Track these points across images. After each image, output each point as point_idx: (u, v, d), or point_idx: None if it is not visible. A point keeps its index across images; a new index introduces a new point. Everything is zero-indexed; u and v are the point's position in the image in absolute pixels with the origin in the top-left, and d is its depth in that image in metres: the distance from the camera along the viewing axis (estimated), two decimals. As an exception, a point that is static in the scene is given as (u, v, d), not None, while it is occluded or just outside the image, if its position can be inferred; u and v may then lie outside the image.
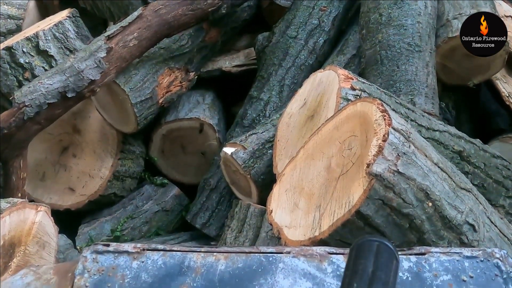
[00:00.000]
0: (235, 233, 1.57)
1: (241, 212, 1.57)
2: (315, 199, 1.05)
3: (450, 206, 0.99)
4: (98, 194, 1.82)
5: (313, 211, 1.03)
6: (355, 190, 0.93)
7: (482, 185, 1.46)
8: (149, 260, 0.76)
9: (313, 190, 1.08)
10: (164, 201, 1.96)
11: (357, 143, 1.03)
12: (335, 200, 0.98)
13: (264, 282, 0.73)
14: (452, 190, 1.02)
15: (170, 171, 2.12)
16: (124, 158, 1.88)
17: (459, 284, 0.75)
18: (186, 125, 2.01)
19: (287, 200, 1.14)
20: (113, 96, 1.78)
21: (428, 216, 0.95)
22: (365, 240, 0.58)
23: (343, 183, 0.99)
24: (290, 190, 1.16)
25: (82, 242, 1.75)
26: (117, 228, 1.80)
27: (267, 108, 1.93)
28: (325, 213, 0.98)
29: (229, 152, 1.65)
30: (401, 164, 0.92)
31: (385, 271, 0.54)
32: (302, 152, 1.22)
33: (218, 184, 1.89)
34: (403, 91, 1.64)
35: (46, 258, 1.30)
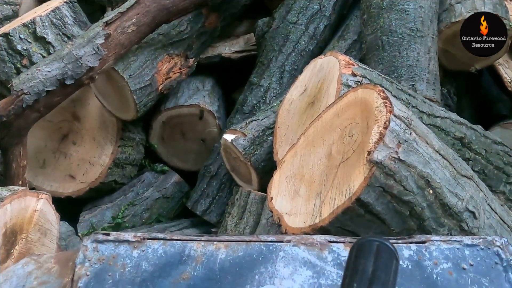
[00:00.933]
0: (235, 220, 1.58)
1: (242, 199, 1.57)
2: (316, 186, 1.05)
3: (451, 193, 0.99)
4: (99, 182, 1.82)
5: (313, 199, 1.02)
6: (355, 177, 0.92)
7: (483, 171, 1.46)
8: (149, 249, 0.76)
9: (313, 177, 1.08)
10: (165, 188, 1.96)
11: (358, 130, 1.02)
12: (335, 187, 0.98)
13: (265, 270, 0.74)
14: (453, 177, 1.02)
15: (170, 158, 2.12)
16: (124, 145, 1.87)
17: (459, 272, 0.75)
18: (186, 112, 2.00)
19: (287, 187, 1.14)
20: (112, 83, 1.77)
21: (429, 203, 0.95)
22: (365, 240, 0.58)
23: (343, 171, 0.99)
24: (290, 177, 1.15)
25: (84, 229, 1.76)
26: (118, 215, 1.81)
27: (267, 94, 1.92)
28: (326, 201, 0.98)
29: (229, 139, 1.64)
30: (402, 151, 0.91)
31: (385, 271, 0.54)
32: (302, 139, 1.22)
33: (218, 171, 1.89)
34: (405, 77, 1.63)
35: (48, 245, 1.31)
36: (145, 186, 1.95)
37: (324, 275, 0.73)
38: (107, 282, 0.72)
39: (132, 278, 0.73)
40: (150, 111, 1.98)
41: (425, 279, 0.74)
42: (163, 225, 1.80)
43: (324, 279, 0.73)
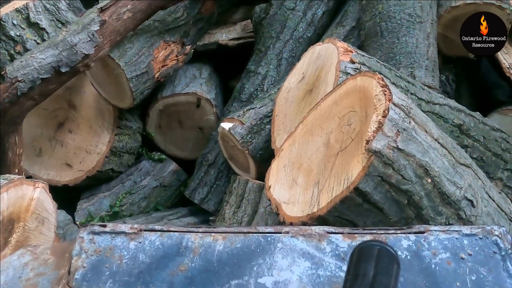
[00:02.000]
0: (233, 208, 1.58)
1: (240, 187, 1.56)
2: (314, 175, 1.05)
3: (449, 182, 0.98)
4: (96, 170, 1.81)
5: (311, 187, 1.02)
6: (354, 166, 0.91)
7: (481, 158, 1.46)
8: (146, 240, 0.75)
9: (311, 166, 1.07)
10: (162, 176, 1.95)
11: (356, 118, 1.01)
12: (333, 176, 0.97)
13: (263, 262, 0.73)
14: (452, 166, 1.01)
15: (168, 146, 2.11)
16: (121, 134, 1.86)
17: (458, 262, 0.75)
18: (183, 100, 1.99)
19: (285, 176, 1.13)
20: (108, 71, 1.75)
21: (427, 192, 0.94)
22: (366, 244, 0.58)
23: (342, 160, 0.98)
24: (288, 165, 1.15)
25: (81, 217, 1.76)
26: (116, 203, 1.80)
27: (265, 82, 1.90)
28: (324, 190, 0.97)
29: (227, 127, 1.63)
30: (401, 140, 0.90)
31: (386, 275, 0.54)
32: (301, 127, 1.21)
33: (216, 160, 1.88)
34: (403, 64, 1.61)
35: (45, 234, 1.31)
36: (143, 174, 1.94)
37: (322, 266, 0.73)
38: (104, 274, 0.72)
39: (130, 269, 0.72)
40: (147, 99, 1.96)
41: (423, 269, 0.74)
42: (161, 214, 1.80)
43: (322, 270, 0.73)
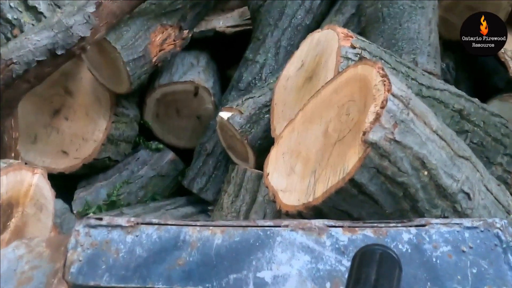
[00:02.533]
0: (231, 197, 1.57)
1: (238, 176, 1.55)
2: (311, 164, 1.03)
3: (446, 174, 0.97)
4: (92, 158, 1.79)
5: (308, 176, 1.01)
6: (350, 157, 0.90)
7: (481, 143, 1.45)
8: (143, 234, 0.74)
9: (309, 155, 1.06)
10: (160, 166, 1.94)
11: (355, 108, 0.99)
12: (330, 166, 0.96)
13: (262, 256, 0.72)
14: (450, 158, 1.00)
15: (165, 135, 2.10)
16: (118, 121, 1.84)
17: (459, 255, 0.74)
18: (180, 89, 1.96)
19: (283, 164, 1.12)
20: (104, 55, 1.72)
21: (423, 184, 0.93)
22: (368, 248, 0.57)
23: (339, 150, 0.97)
24: (287, 153, 1.14)
25: (78, 207, 1.75)
26: (113, 193, 1.79)
27: (263, 71, 1.88)
28: (320, 179, 0.96)
29: (226, 117, 1.61)
30: (398, 132, 0.89)
31: (388, 279, 0.53)
32: (300, 115, 1.19)
33: (214, 149, 1.87)
34: (406, 50, 1.59)
35: (43, 221, 1.30)
36: (140, 164, 1.93)
37: (322, 260, 0.72)
38: (101, 268, 0.71)
39: (126, 263, 0.71)
40: (144, 88, 1.94)
41: (424, 263, 0.73)
42: (158, 204, 1.79)
43: (322, 264, 0.72)
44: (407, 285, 0.70)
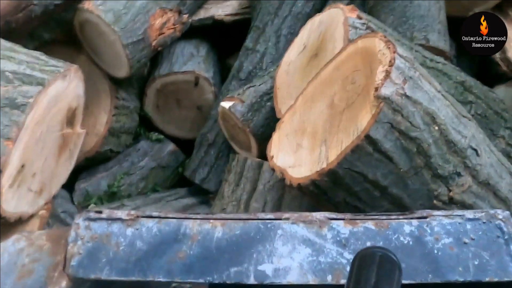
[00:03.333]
0: (232, 186, 1.57)
1: (238, 165, 1.56)
2: (320, 135, 1.05)
3: (455, 130, 0.99)
4: (94, 151, 1.78)
5: (318, 147, 1.02)
6: (362, 117, 0.92)
7: (484, 115, 1.47)
8: (143, 227, 0.74)
9: (316, 129, 1.07)
10: (160, 157, 1.94)
11: (361, 75, 1.01)
12: (341, 131, 0.97)
13: (263, 249, 0.72)
14: (456, 116, 1.03)
15: (166, 126, 2.09)
16: (119, 114, 1.82)
17: (460, 247, 0.74)
18: (180, 79, 1.95)
19: (288, 143, 1.13)
20: (104, 38, 1.71)
21: (435, 139, 0.95)
22: (368, 250, 0.57)
23: (349, 115, 0.98)
24: (291, 134, 1.14)
25: (79, 198, 1.74)
26: (114, 184, 1.79)
27: (264, 60, 1.86)
28: (332, 145, 0.97)
29: (227, 106, 1.61)
30: (408, 87, 0.91)
31: (388, 282, 0.53)
32: (301, 99, 1.20)
33: (216, 139, 1.86)
34: (417, 28, 1.58)
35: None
36: (141, 155, 1.92)
37: (323, 253, 0.72)
38: (101, 261, 0.71)
39: (127, 257, 0.71)
40: (144, 79, 1.92)
41: (425, 255, 0.73)
42: (159, 195, 1.79)
43: (323, 256, 0.72)
44: (409, 277, 0.70)
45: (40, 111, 1.22)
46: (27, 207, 1.30)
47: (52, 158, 1.39)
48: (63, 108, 1.37)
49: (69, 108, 1.41)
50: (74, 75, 1.36)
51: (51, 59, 1.33)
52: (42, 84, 1.20)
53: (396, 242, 0.74)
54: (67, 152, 1.48)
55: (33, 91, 1.18)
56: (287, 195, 1.41)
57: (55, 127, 1.36)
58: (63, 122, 1.40)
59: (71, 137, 1.47)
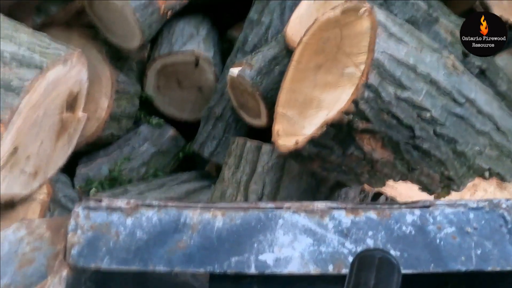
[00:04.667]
0: (232, 169, 1.57)
1: (238, 148, 1.56)
2: (315, 101, 1.12)
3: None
4: (96, 136, 1.78)
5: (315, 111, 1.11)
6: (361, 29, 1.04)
7: None
8: (143, 216, 0.73)
9: (311, 96, 1.13)
10: (161, 142, 1.93)
11: (330, 36, 1.10)
12: (352, 56, 1.05)
13: (264, 238, 0.71)
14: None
15: (167, 107, 2.07)
16: (119, 99, 1.81)
17: (463, 236, 0.73)
18: (180, 59, 1.93)
19: (289, 119, 1.17)
20: (113, 9, 1.69)
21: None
22: (367, 252, 0.56)
23: (346, 47, 1.07)
24: (293, 116, 1.17)
25: (80, 182, 1.75)
26: (115, 169, 1.79)
27: (269, 32, 1.84)
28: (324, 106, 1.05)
29: (236, 72, 1.61)
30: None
31: (387, 284, 0.53)
32: (284, 92, 1.26)
33: (223, 113, 1.86)
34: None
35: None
36: (141, 140, 1.92)
37: (325, 243, 0.71)
38: (101, 250, 0.70)
39: (127, 246, 0.70)
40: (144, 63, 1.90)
41: (428, 245, 0.72)
42: (161, 180, 1.79)
43: (325, 246, 0.71)
44: (411, 267, 0.70)
45: (36, 95, 1.20)
46: (19, 189, 1.30)
47: (49, 141, 1.38)
48: (63, 93, 1.35)
49: (70, 93, 1.39)
50: (76, 60, 1.34)
51: (54, 41, 1.31)
52: (40, 67, 1.18)
53: (398, 231, 0.73)
54: (66, 137, 1.47)
55: (30, 75, 1.16)
56: (285, 177, 1.43)
57: (54, 111, 1.34)
58: (63, 106, 1.39)
59: (71, 121, 1.46)
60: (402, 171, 1.08)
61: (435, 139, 1.05)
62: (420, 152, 1.06)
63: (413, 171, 1.08)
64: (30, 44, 1.24)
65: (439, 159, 1.07)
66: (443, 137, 1.06)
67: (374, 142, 1.02)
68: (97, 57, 1.80)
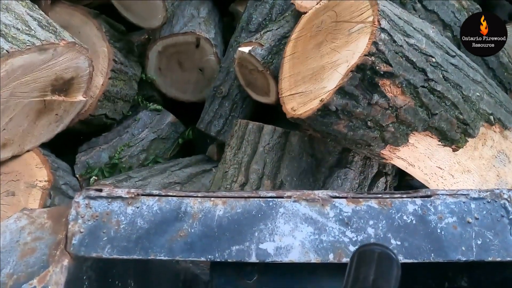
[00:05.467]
0: (234, 150, 1.58)
1: (240, 130, 1.57)
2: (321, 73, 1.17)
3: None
4: (89, 114, 1.75)
5: (319, 82, 1.17)
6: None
7: None
8: (144, 205, 0.73)
9: (318, 64, 1.19)
10: (160, 128, 1.93)
11: (323, 19, 1.15)
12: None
13: (264, 227, 0.71)
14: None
15: (169, 89, 2.06)
16: (116, 78, 1.79)
17: (464, 226, 0.73)
18: (181, 40, 1.91)
19: (298, 95, 1.21)
20: None
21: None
22: (367, 247, 0.56)
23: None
24: (306, 89, 1.20)
25: (81, 170, 1.74)
26: (115, 156, 1.78)
27: (273, 11, 1.83)
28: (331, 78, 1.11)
29: (247, 50, 1.61)
30: None
31: (387, 279, 0.53)
32: (286, 81, 1.29)
33: (230, 92, 1.86)
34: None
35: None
36: (140, 127, 1.91)
37: (325, 232, 0.71)
38: (102, 239, 0.70)
39: (128, 235, 0.71)
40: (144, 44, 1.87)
41: (428, 234, 0.72)
42: (162, 166, 1.78)
43: (325, 235, 0.71)
44: (411, 256, 0.70)
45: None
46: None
47: (24, 119, 1.43)
48: (45, 78, 1.37)
49: (58, 78, 1.42)
50: (65, 48, 1.35)
51: (43, 28, 1.32)
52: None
53: (399, 221, 0.73)
54: (52, 116, 1.51)
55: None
56: (286, 156, 1.44)
57: (29, 94, 1.37)
58: (45, 89, 1.41)
59: (59, 103, 1.49)
60: (424, 117, 1.15)
61: (445, 83, 1.16)
62: (435, 96, 1.15)
63: (433, 117, 1.15)
64: (9, 26, 1.25)
65: (452, 102, 1.17)
66: (450, 82, 1.17)
67: (395, 89, 1.10)
68: (96, 34, 1.78)
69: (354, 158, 1.47)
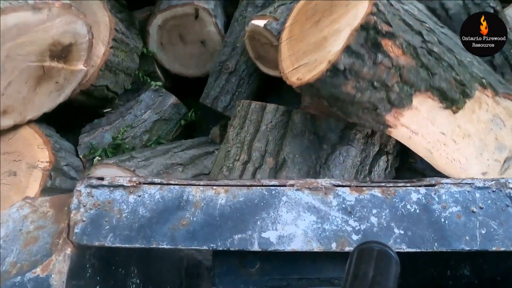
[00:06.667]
0: (236, 130, 1.57)
1: (243, 109, 1.55)
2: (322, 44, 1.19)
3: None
4: (90, 84, 1.71)
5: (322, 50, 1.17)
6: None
7: None
8: (146, 194, 0.72)
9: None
10: (163, 110, 1.91)
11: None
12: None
13: (267, 216, 0.71)
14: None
15: (172, 64, 2.04)
16: (117, 48, 1.75)
17: (468, 216, 0.73)
18: (180, 12, 1.87)
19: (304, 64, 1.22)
20: None
21: None
22: (366, 245, 0.55)
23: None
24: (310, 59, 1.20)
25: (84, 151, 1.74)
26: (118, 137, 1.77)
27: None
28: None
29: (261, 24, 1.57)
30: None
31: (386, 277, 0.52)
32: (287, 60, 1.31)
33: (237, 67, 1.83)
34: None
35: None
36: (143, 108, 1.90)
37: (328, 220, 0.71)
38: (104, 228, 0.70)
39: (130, 224, 0.71)
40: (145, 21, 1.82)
41: (432, 223, 0.72)
42: (165, 147, 1.77)
43: (328, 224, 0.71)
44: (414, 245, 0.70)
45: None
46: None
47: (23, 85, 1.41)
48: (41, 41, 1.35)
49: (55, 43, 1.39)
50: (59, 10, 1.32)
51: None
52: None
53: (402, 210, 0.72)
54: (52, 85, 1.49)
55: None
56: (288, 134, 1.43)
57: (26, 57, 1.35)
58: (43, 54, 1.39)
59: (59, 71, 1.46)
60: (425, 77, 1.19)
61: (440, 46, 1.21)
62: (433, 57, 1.19)
63: (434, 76, 1.19)
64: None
65: (448, 63, 1.21)
66: (444, 46, 1.22)
67: (396, 49, 1.14)
68: (97, 3, 1.74)
69: (356, 136, 1.46)
